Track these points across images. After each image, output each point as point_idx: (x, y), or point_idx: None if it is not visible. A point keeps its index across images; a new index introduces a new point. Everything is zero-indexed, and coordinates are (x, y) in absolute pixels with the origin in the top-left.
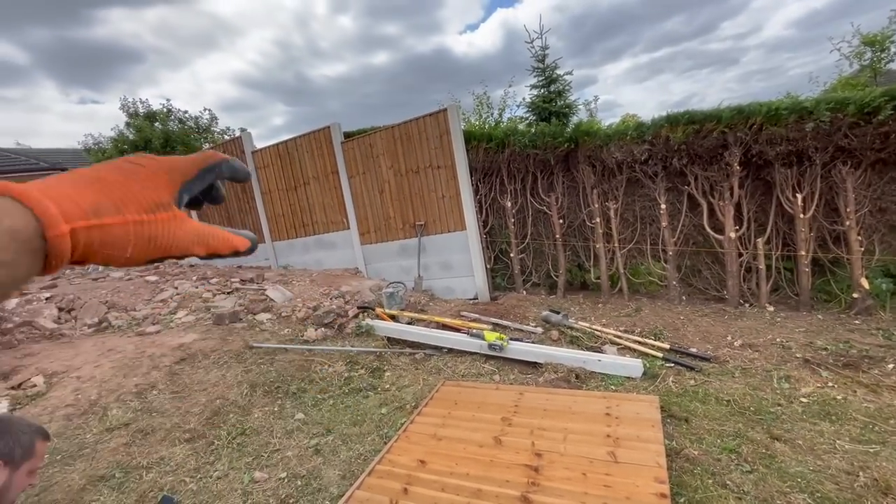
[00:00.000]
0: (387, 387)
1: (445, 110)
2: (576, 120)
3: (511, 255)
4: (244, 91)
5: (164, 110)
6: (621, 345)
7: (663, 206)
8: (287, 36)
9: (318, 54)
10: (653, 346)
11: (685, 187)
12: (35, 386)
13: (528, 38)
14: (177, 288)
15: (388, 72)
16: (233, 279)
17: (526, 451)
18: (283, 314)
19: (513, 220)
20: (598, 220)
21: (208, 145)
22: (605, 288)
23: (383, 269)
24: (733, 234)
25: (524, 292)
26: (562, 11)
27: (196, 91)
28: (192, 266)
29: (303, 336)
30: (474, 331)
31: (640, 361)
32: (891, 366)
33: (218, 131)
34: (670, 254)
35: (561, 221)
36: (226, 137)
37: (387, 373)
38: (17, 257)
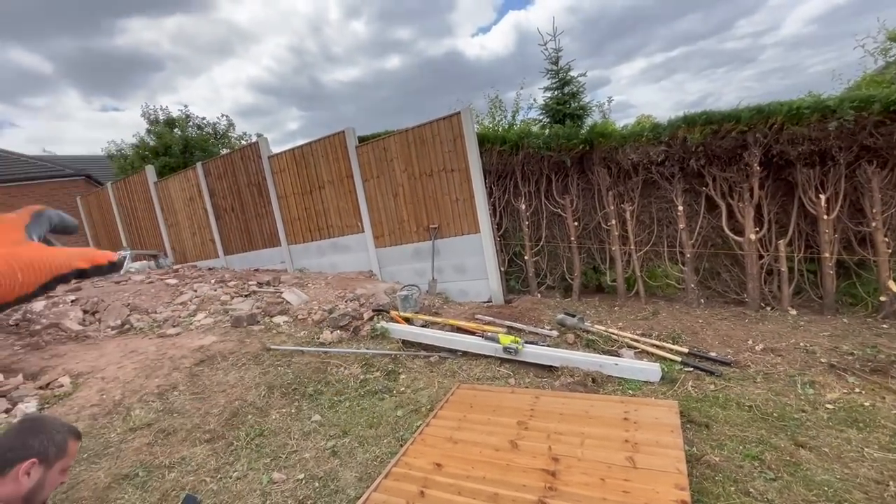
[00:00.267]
0: (402, 389)
1: (459, 114)
2: (590, 122)
3: (525, 257)
4: (259, 97)
5: (183, 117)
6: (638, 349)
7: (680, 208)
8: (301, 42)
9: (332, 59)
10: (671, 349)
11: (703, 189)
12: (62, 386)
13: (542, 41)
14: (196, 291)
15: (400, 76)
16: (250, 282)
17: (543, 455)
18: (300, 317)
19: (527, 223)
20: (613, 222)
21: (226, 150)
22: (621, 291)
23: (397, 273)
24: (753, 236)
25: (539, 295)
26: (574, 13)
27: (213, 97)
28: (210, 269)
29: (319, 338)
30: (489, 334)
31: (658, 365)
32: None
33: (235, 137)
34: (688, 256)
35: (576, 224)
36: (243, 142)
37: (402, 375)
38: None
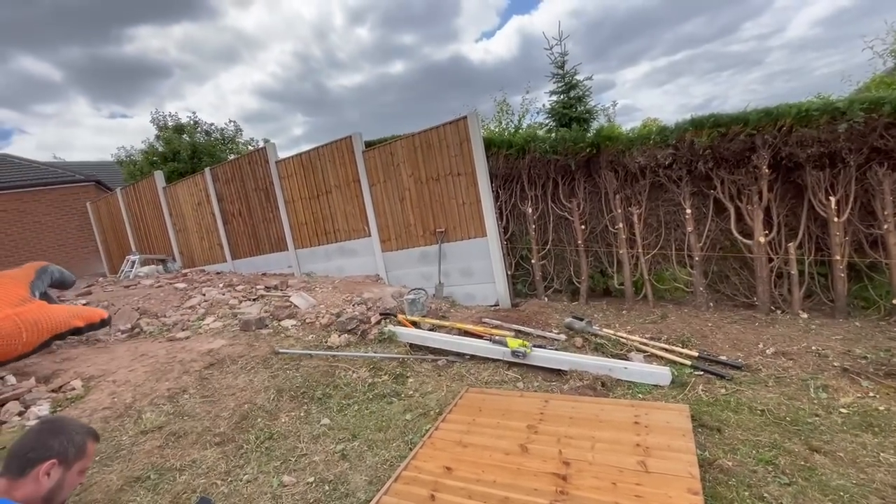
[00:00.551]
0: (410, 393)
1: (465, 118)
2: (596, 125)
3: (532, 261)
4: (265, 102)
5: (192, 123)
6: (647, 352)
7: (688, 211)
8: (306, 48)
9: (336, 65)
10: (680, 353)
11: (711, 191)
12: (74, 389)
13: (548, 45)
14: (204, 295)
15: (405, 81)
16: (258, 286)
17: (553, 459)
18: (307, 320)
19: (534, 227)
20: (620, 225)
21: (233, 156)
22: (628, 294)
23: (404, 276)
24: (763, 239)
25: (546, 299)
26: (578, 17)
27: (219, 104)
28: (218, 274)
29: (327, 342)
30: (497, 337)
31: (668, 369)
32: None
33: (243, 142)
34: (696, 259)
35: (583, 227)
36: (250, 148)
37: (410, 379)
38: None
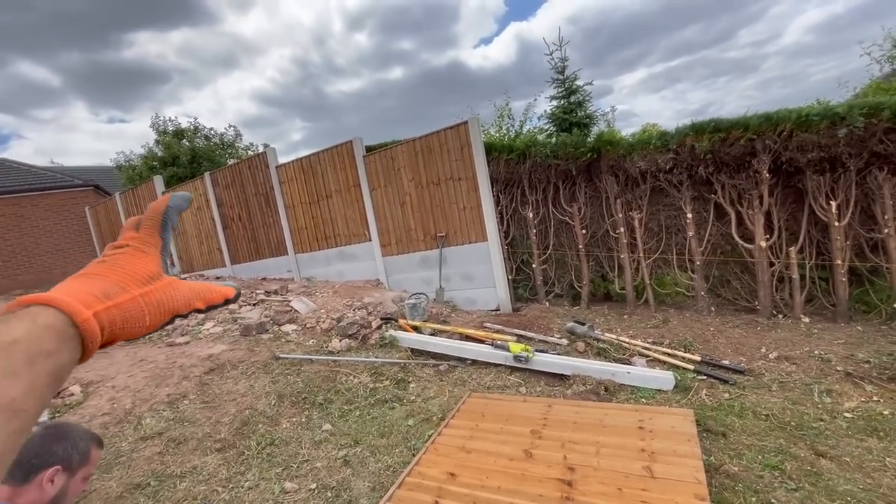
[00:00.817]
0: (412, 398)
1: (466, 123)
2: (596, 130)
3: (533, 265)
4: (264, 108)
5: (192, 128)
6: (650, 357)
7: (689, 216)
8: (305, 53)
9: (335, 71)
10: (683, 358)
11: (712, 196)
12: (73, 395)
13: (548, 50)
14: None
15: (403, 86)
16: (257, 291)
17: (558, 464)
18: (308, 325)
19: (535, 231)
20: (621, 230)
21: (233, 160)
22: (630, 299)
23: (404, 281)
24: (764, 243)
25: (547, 303)
26: (575, 23)
27: (218, 109)
28: (217, 278)
29: (327, 347)
30: (499, 342)
31: (671, 374)
32: None
33: (242, 147)
34: (697, 263)
35: (584, 232)
36: (250, 153)
37: (412, 384)
38: (59, 345)
